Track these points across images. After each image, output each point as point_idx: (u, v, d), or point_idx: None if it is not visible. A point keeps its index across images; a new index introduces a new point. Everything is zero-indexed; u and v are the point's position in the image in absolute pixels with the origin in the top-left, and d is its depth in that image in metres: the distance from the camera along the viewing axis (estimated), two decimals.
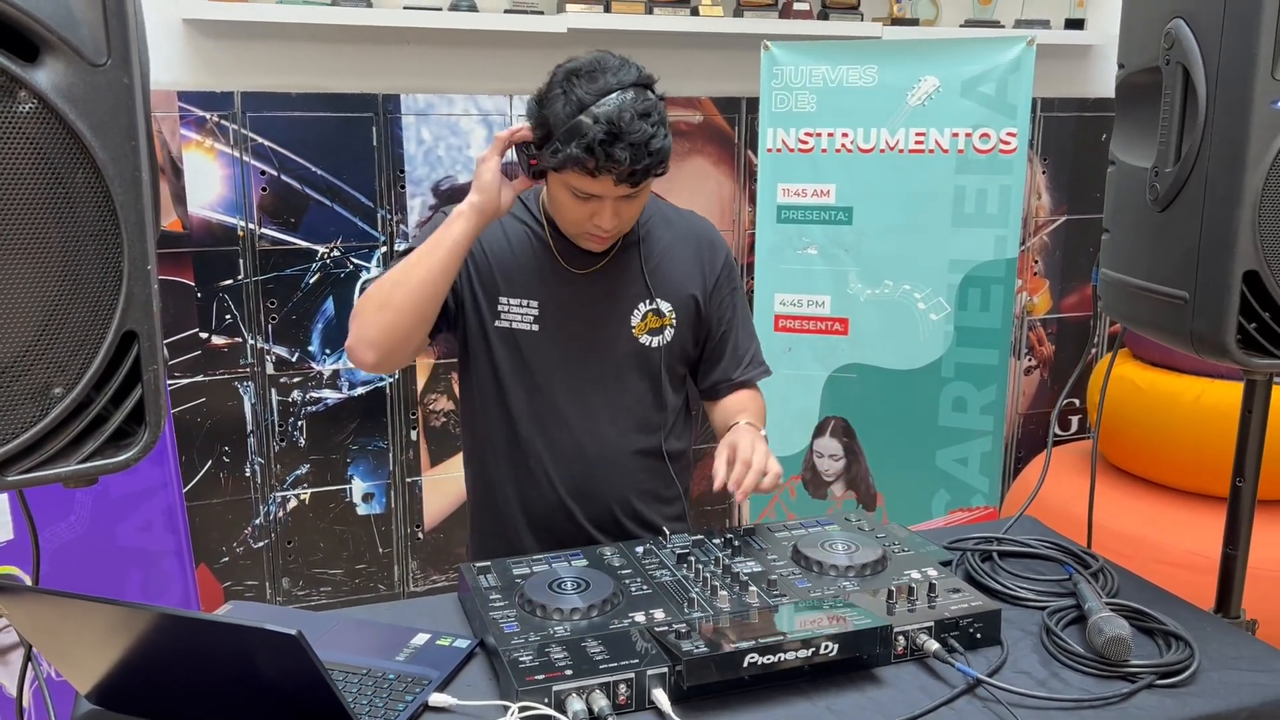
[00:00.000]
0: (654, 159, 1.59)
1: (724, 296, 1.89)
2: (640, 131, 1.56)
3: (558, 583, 1.43)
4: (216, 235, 3.02)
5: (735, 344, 1.91)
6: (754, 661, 1.25)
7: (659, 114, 1.61)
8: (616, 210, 1.66)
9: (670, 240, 1.85)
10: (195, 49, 3.13)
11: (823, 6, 3.68)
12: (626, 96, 1.56)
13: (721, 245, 1.91)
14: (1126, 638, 1.32)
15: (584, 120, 1.55)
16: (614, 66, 1.61)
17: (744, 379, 1.92)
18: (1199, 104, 1.35)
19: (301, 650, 0.99)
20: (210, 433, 3.11)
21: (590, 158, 1.55)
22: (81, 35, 0.90)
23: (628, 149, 1.55)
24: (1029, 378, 4.01)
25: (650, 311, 1.82)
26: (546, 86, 1.64)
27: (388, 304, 1.64)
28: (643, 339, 1.81)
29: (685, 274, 1.84)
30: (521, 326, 1.78)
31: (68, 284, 0.94)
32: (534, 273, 1.78)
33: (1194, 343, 1.40)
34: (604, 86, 1.57)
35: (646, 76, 1.64)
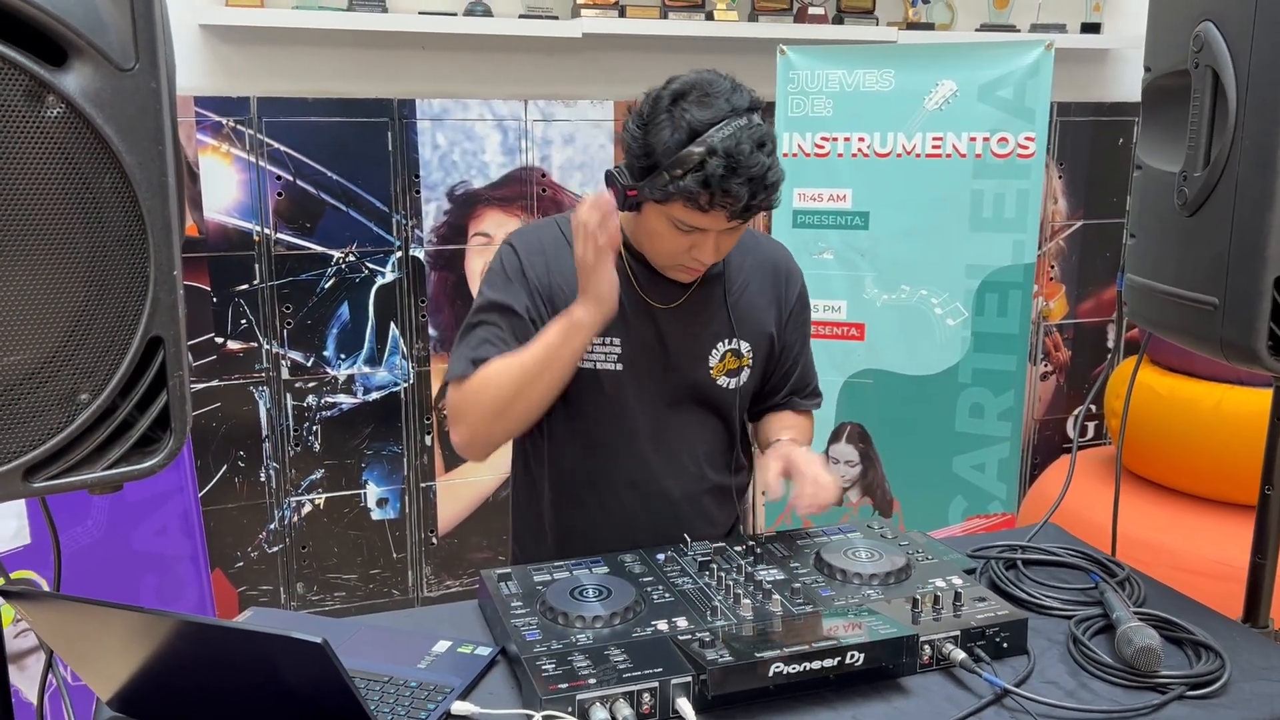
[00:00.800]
0: (769, 192, 1.50)
1: (796, 329, 1.83)
2: (758, 164, 1.46)
3: (579, 590, 1.42)
4: (232, 240, 3.02)
5: (800, 376, 1.85)
6: (779, 671, 1.24)
7: (773, 142, 1.51)
8: (719, 244, 1.57)
9: (750, 271, 1.76)
10: (212, 54, 3.13)
11: (838, 10, 3.67)
12: (741, 123, 1.46)
13: (797, 274, 1.83)
14: (1156, 648, 1.30)
15: (697, 150, 1.44)
16: (725, 90, 1.50)
17: (807, 406, 1.87)
18: (1229, 107, 1.34)
19: (326, 658, 0.98)
20: (225, 437, 3.11)
21: (705, 192, 1.45)
22: (109, 39, 0.89)
23: (746, 184, 1.45)
24: (1045, 383, 3.99)
25: (729, 352, 1.73)
26: (650, 109, 1.52)
27: (506, 413, 1.57)
28: (720, 380, 1.72)
29: (764, 310, 1.76)
30: (606, 366, 1.66)
31: (94, 289, 0.93)
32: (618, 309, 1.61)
33: (1224, 349, 1.38)
34: (717, 113, 1.47)
35: (758, 100, 1.54)
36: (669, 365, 1.70)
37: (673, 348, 1.69)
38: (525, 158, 3.25)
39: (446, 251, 3.21)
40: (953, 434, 3.04)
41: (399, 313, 3.20)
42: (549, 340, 1.54)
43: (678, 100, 1.49)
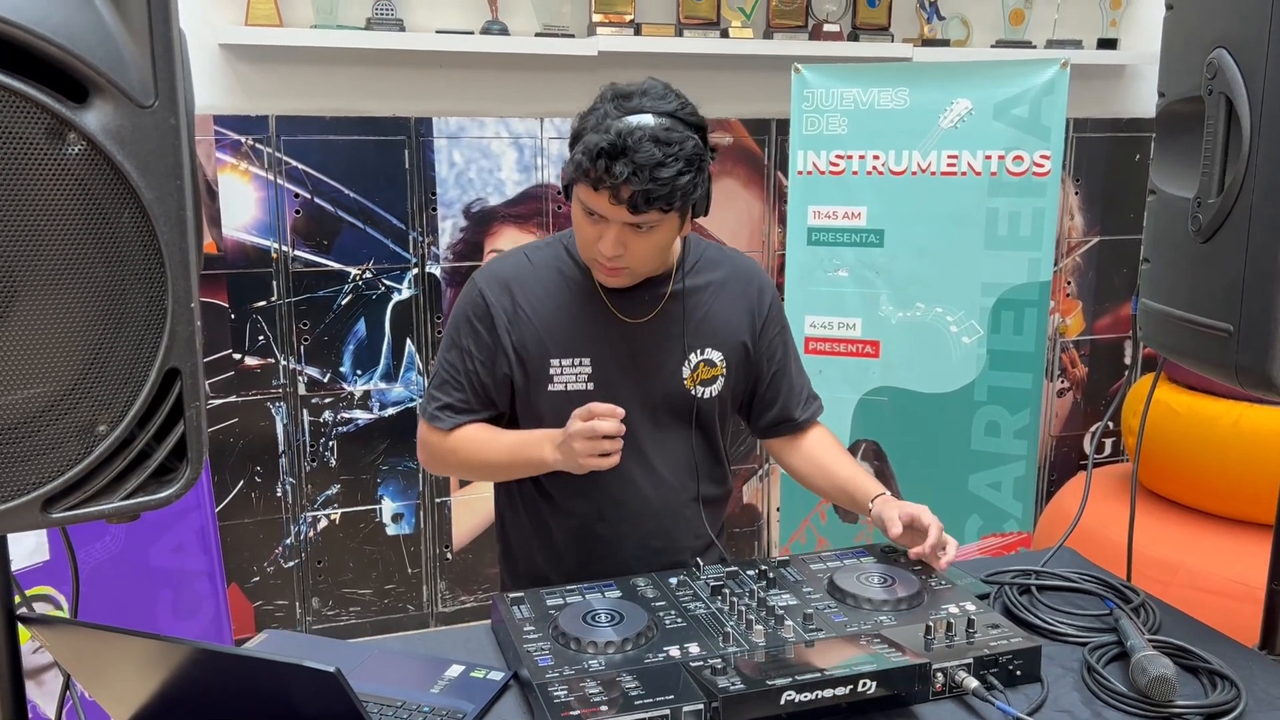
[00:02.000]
0: (657, 186, 1.50)
1: (773, 337, 1.85)
2: (648, 153, 1.49)
3: (591, 615, 1.42)
4: (250, 257, 3.04)
5: (790, 382, 1.87)
6: (791, 699, 1.24)
7: (682, 148, 1.52)
8: (621, 239, 1.58)
9: (719, 283, 1.80)
10: (231, 73, 3.16)
11: (853, 28, 3.68)
12: (648, 119, 1.52)
13: (768, 285, 1.86)
14: (1171, 678, 1.29)
15: (600, 130, 1.52)
16: (656, 93, 1.57)
17: (807, 417, 1.89)
18: (1243, 134, 1.33)
19: (339, 687, 0.98)
20: (242, 453, 3.13)
21: (591, 166, 1.51)
22: (130, 77, 0.91)
23: (629, 165, 1.49)
24: (1062, 400, 3.98)
25: (702, 362, 1.76)
26: (589, 109, 1.61)
27: (466, 475, 1.84)
28: (695, 390, 1.76)
29: (736, 319, 1.80)
30: (576, 387, 1.71)
31: (113, 322, 0.94)
32: (582, 327, 1.71)
33: (1239, 376, 1.38)
34: (635, 106, 1.54)
35: (689, 113, 1.57)
36: (641, 379, 1.73)
37: (644, 361, 1.73)
38: (541, 175, 3.27)
39: (463, 268, 3.22)
40: (968, 452, 3.03)
41: (415, 329, 3.21)
42: (515, 457, 1.71)
43: (611, 96, 1.58)
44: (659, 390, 1.75)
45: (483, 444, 1.74)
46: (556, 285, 1.73)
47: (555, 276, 1.74)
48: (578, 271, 1.73)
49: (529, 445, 1.69)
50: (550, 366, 1.71)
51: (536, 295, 1.72)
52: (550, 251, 1.77)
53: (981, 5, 3.81)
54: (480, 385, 1.73)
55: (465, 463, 1.77)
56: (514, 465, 1.73)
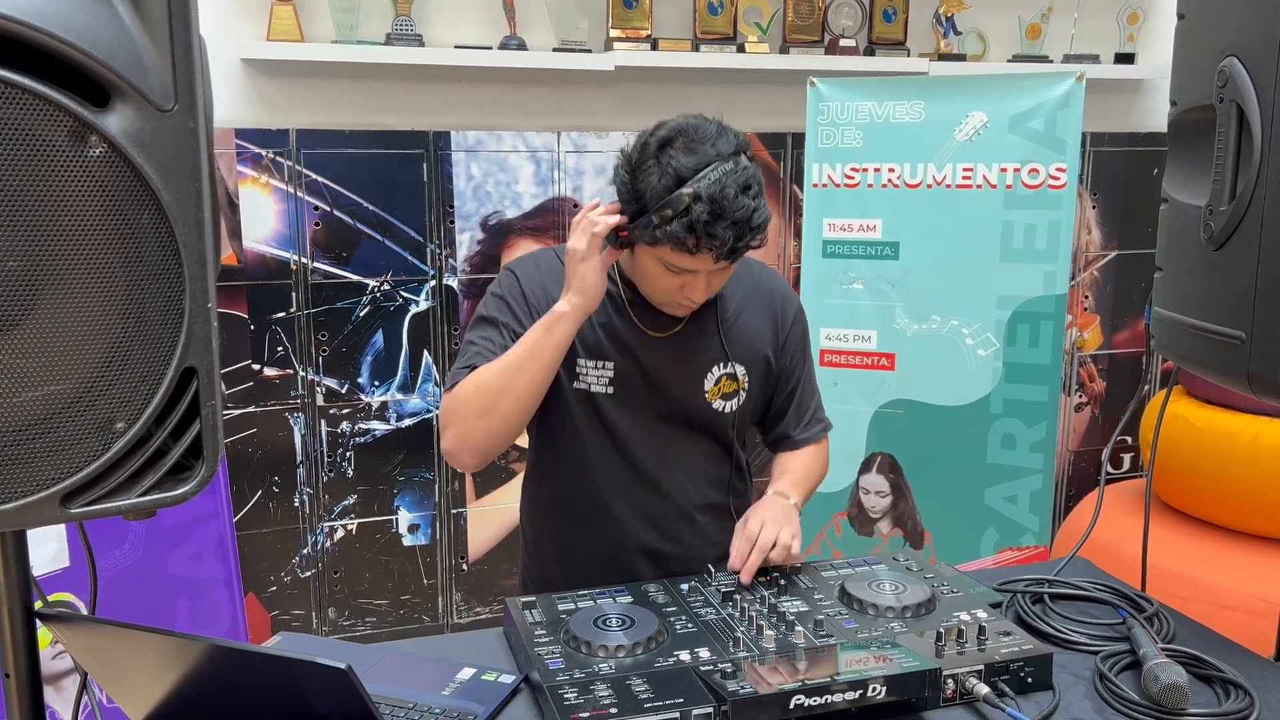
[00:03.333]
0: (754, 233, 1.53)
1: (794, 354, 1.84)
2: (743, 208, 1.49)
3: (603, 619, 1.43)
4: (270, 269, 3.07)
5: (800, 401, 1.87)
6: (800, 703, 1.24)
7: (758, 184, 1.54)
8: (709, 283, 1.61)
9: (745, 296, 1.80)
10: (253, 87, 3.20)
11: (869, 42, 3.70)
12: (726, 168, 1.50)
13: (793, 300, 1.86)
14: (1183, 685, 1.29)
15: (684, 196, 1.48)
16: (710, 135, 1.54)
17: (804, 438, 1.87)
18: (1254, 142, 1.34)
19: (351, 685, 0.99)
20: (261, 463, 3.15)
21: (691, 236, 1.49)
22: (150, 82, 0.93)
23: (731, 227, 1.49)
24: (1080, 414, 3.96)
25: (725, 375, 1.76)
26: (638, 155, 1.56)
27: (491, 411, 1.60)
28: (715, 404, 1.76)
29: (759, 333, 1.79)
30: (599, 389, 1.71)
31: (132, 322, 0.96)
32: (610, 335, 1.71)
33: (1251, 383, 1.38)
34: (702, 159, 1.50)
35: (744, 142, 1.57)
36: (662, 390, 1.73)
37: (667, 373, 1.73)
38: (558, 188, 3.29)
39: (480, 280, 3.24)
40: (984, 465, 3.02)
41: (432, 341, 3.24)
42: (532, 334, 1.61)
43: (664, 146, 1.53)
44: (680, 402, 1.74)
45: (495, 362, 1.63)
46: None
47: None
48: (608, 283, 1.69)
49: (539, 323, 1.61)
50: (577, 365, 1.71)
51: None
52: None
53: (998, 20, 3.82)
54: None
55: (483, 385, 1.61)
56: (531, 340, 1.60)
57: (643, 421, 1.74)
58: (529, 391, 1.61)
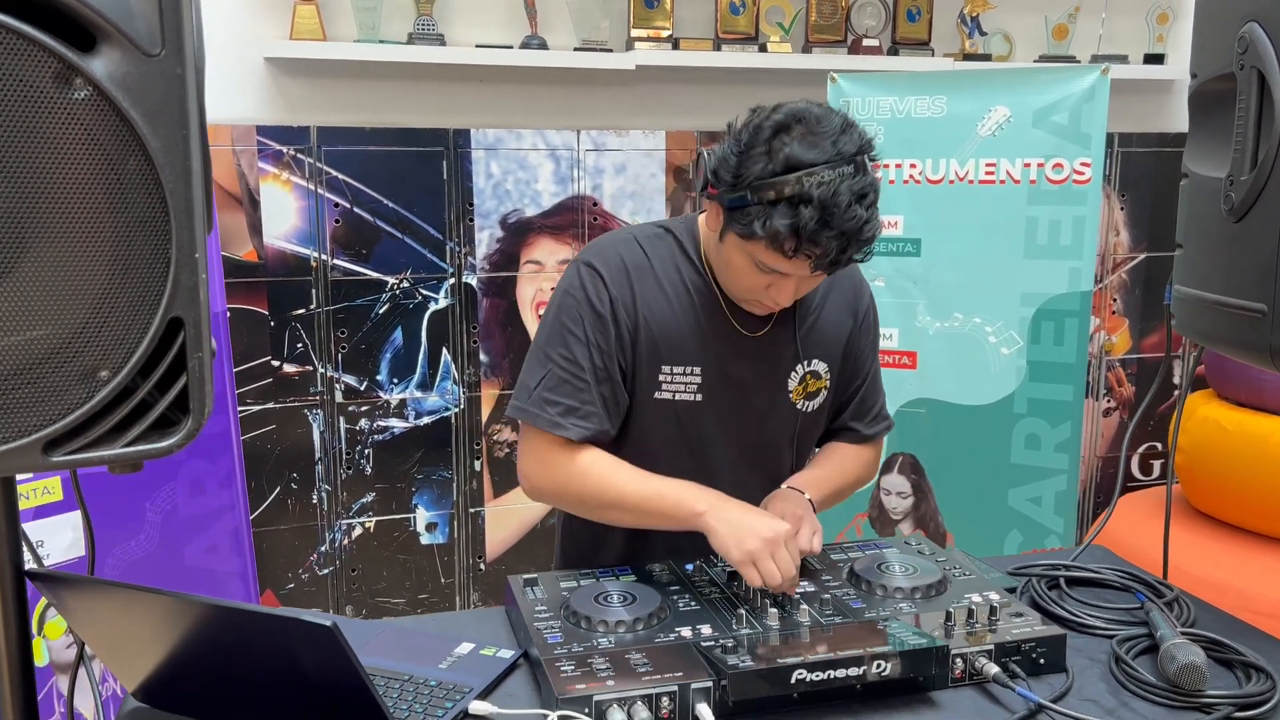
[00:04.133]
0: (861, 247, 1.38)
1: (865, 345, 1.72)
2: (855, 219, 1.33)
3: (604, 596, 1.41)
4: (290, 265, 3.08)
5: (865, 396, 1.75)
6: (802, 678, 1.21)
7: (875, 193, 1.38)
8: (799, 288, 1.48)
9: (827, 285, 1.65)
10: (275, 86, 3.22)
11: (893, 42, 3.67)
12: (845, 170, 1.33)
13: (867, 289, 1.75)
14: (1201, 665, 1.25)
15: (789, 189, 1.33)
16: (834, 130, 1.37)
17: (867, 434, 1.75)
18: (1275, 108, 1.30)
19: (336, 643, 0.98)
20: (280, 459, 3.15)
21: (792, 239, 1.34)
22: (137, 26, 0.92)
23: (836, 238, 1.34)
24: (1108, 419, 3.89)
25: (808, 374, 1.64)
26: (750, 136, 1.40)
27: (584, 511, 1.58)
28: (799, 404, 1.65)
29: (840, 326, 1.68)
30: (685, 397, 1.57)
31: (118, 269, 0.95)
32: (697, 337, 1.56)
33: (1274, 357, 1.33)
34: (821, 155, 1.34)
35: (868, 143, 1.41)
36: (749, 393, 1.62)
37: (754, 374, 1.61)
38: (577, 187, 3.28)
39: (499, 278, 3.24)
40: (1008, 466, 2.97)
41: (451, 338, 3.23)
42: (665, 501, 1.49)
43: (779, 132, 1.37)
44: (765, 405, 1.63)
45: (623, 476, 1.53)
46: (675, 283, 1.57)
47: (675, 276, 1.58)
48: (697, 276, 1.58)
49: (682, 493, 1.50)
50: (660, 373, 1.56)
51: (655, 291, 1.56)
52: (665, 247, 1.60)
53: (1024, 20, 3.78)
54: (608, 381, 1.54)
55: (594, 491, 1.54)
56: (652, 506, 1.51)
57: (726, 431, 1.62)
58: (627, 522, 1.56)
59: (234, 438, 2.70)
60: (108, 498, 2.44)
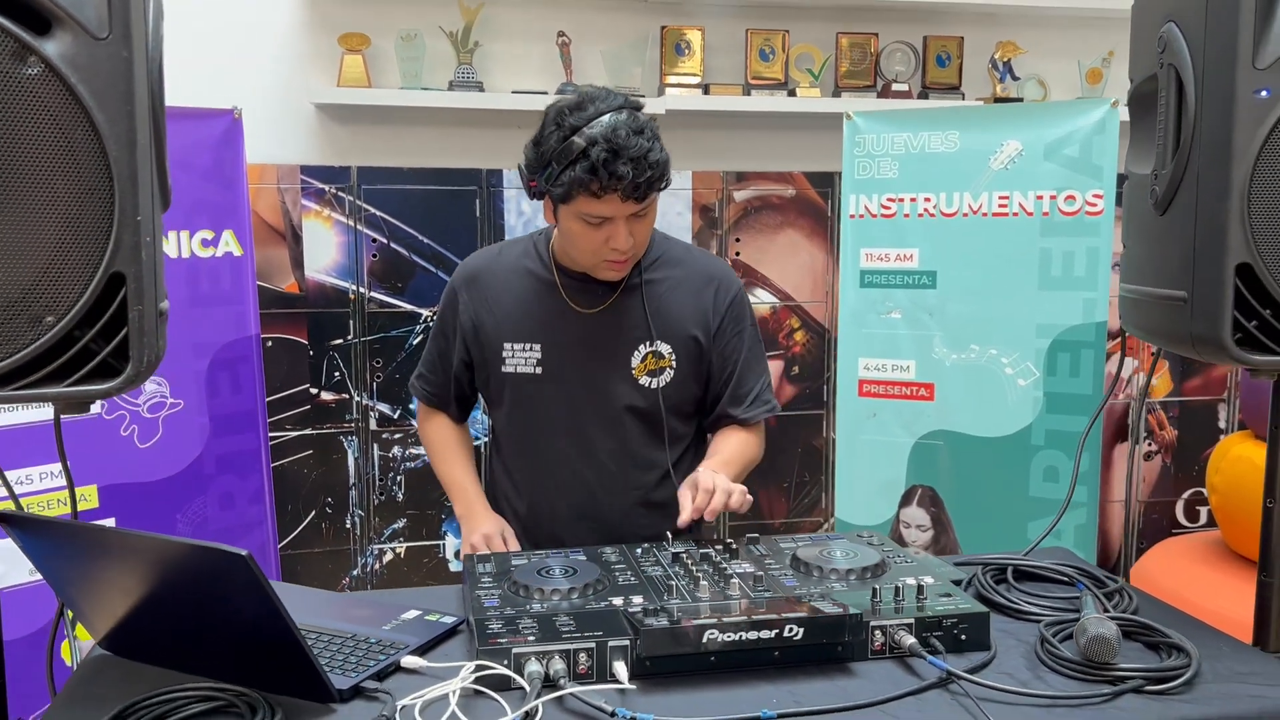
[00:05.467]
0: (655, 171, 1.64)
1: (729, 337, 1.90)
2: (637, 145, 1.61)
3: (546, 569, 1.47)
4: (330, 298, 3.24)
5: (738, 382, 1.91)
6: (713, 638, 1.26)
7: (652, 130, 1.67)
8: (630, 230, 1.70)
9: (676, 280, 1.88)
10: (323, 130, 3.42)
11: (923, 87, 3.74)
12: (619, 117, 1.63)
13: (730, 283, 1.93)
14: (1111, 638, 1.26)
15: (578, 141, 1.61)
16: (600, 95, 1.68)
17: (743, 417, 1.92)
18: (1188, 100, 1.35)
19: (250, 571, 1.06)
20: (315, 484, 3.28)
21: (594, 178, 1.60)
22: (87, 12, 1.05)
23: (629, 163, 1.60)
24: (1149, 464, 3.83)
25: (650, 353, 1.85)
26: (540, 127, 1.71)
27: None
28: (642, 380, 1.85)
29: (688, 314, 1.87)
30: (526, 370, 1.86)
31: (69, 229, 1.08)
32: (537, 316, 1.85)
33: (1194, 344, 1.36)
34: (594, 112, 1.64)
35: (634, 101, 1.70)
36: (590, 367, 1.84)
37: (594, 350, 1.84)
38: None
39: None
40: (1027, 499, 2.95)
41: None
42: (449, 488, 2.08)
43: (560, 111, 1.67)
44: (607, 379, 1.84)
45: (440, 457, 2.08)
46: (518, 276, 1.89)
47: (519, 268, 1.90)
48: (541, 266, 1.88)
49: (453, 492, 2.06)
50: (503, 350, 1.86)
51: (497, 283, 1.90)
52: (520, 247, 1.95)
53: (1057, 64, 3.82)
54: (445, 364, 1.97)
55: (427, 450, 2.12)
56: (448, 491, 2.09)
57: (568, 400, 1.84)
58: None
59: (264, 456, 2.84)
60: (141, 506, 2.59)
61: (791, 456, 3.63)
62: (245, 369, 2.76)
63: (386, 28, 3.43)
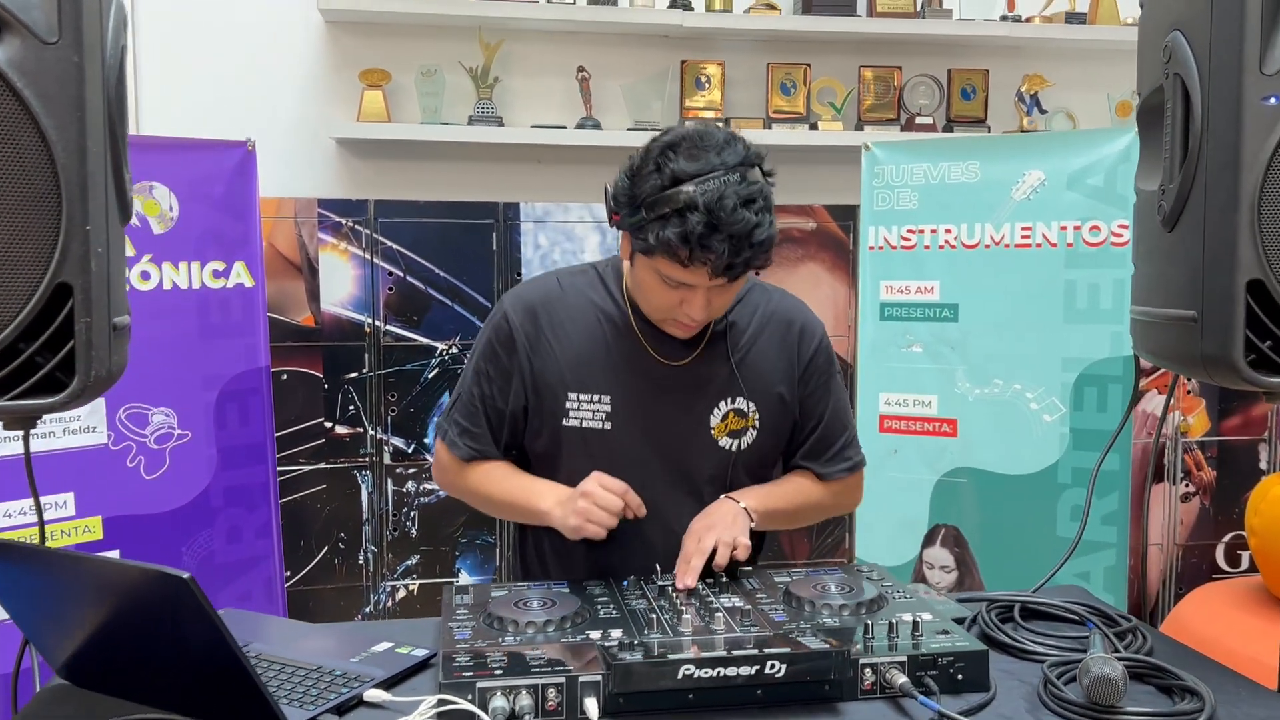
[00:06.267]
0: (755, 251, 1.43)
1: (816, 388, 1.72)
2: (743, 222, 1.39)
3: (524, 601, 1.41)
4: (345, 331, 3.22)
5: (821, 436, 1.75)
6: (689, 674, 1.19)
7: (765, 199, 1.45)
8: (709, 300, 1.51)
9: (759, 327, 1.69)
10: (344, 164, 3.44)
11: (948, 120, 3.68)
12: (730, 179, 1.40)
13: (814, 328, 1.74)
14: (1115, 679, 1.17)
15: (679, 202, 1.40)
16: (718, 142, 1.45)
17: (823, 473, 1.75)
18: (1195, 110, 1.28)
19: (192, 594, 1.02)
20: (329, 519, 3.25)
21: (684, 247, 1.40)
22: (35, 16, 1.03)
23: (726, 241, 1.39)
24: (1187, 505, 3.69)
25: (732, 411, 1.65)
26: (640, 159, 1.50)
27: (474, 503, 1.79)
28: (722, 441, 1.65)
29: (772, 367, 1.68)
30: (592, 425, 1.63)
31: (15, 237, 1.05)
32: (607, 365, 1.62)
33: (1206, 366, 1.29)
34: (705, 166, 1.42)
35: (755, 155, 1.49)
36: (665, 424, 1.64)
37: (671, 405, 1.64)
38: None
39: None
40: (1054, 539, 2.85)
41: None
42: (516, 498, 1.68)
43: (667, 150, 1.46)
44: (683, 438, 1.65)
45: (494, 479, 1.70)
46: (586, 315, 1.65)
47: (587, 305, 1.66)
48: (612, 304, 1.66)
49: (532, 492, 1.65)
50: (567, 400, 1.63)
51: (562, 322, 1.65)
52: (585, 280, 1.70)
53: (1086, 97, 3.75)
54: (496, 413, 1.68)
55: (473, 492, 1.76)
56: (514, 507, 1.69)
57: (640, 462, 1.63)
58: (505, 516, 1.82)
59: (272, 489, 2.81)
60: (146, 539, 2.56)
61: None
62: (255, 401, 2.74)
63: (407, 64, 3.44)
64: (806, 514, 1.78)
